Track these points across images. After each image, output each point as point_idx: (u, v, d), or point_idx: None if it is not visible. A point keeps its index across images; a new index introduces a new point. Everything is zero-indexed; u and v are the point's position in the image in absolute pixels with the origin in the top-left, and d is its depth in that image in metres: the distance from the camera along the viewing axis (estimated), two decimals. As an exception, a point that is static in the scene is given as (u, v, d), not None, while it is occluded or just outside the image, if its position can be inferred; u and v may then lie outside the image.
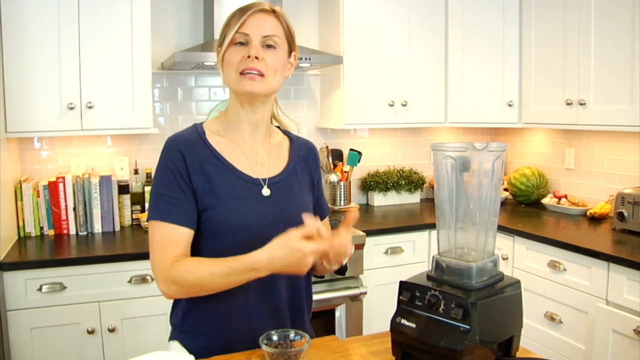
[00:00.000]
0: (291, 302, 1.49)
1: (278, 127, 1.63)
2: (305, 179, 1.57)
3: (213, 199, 1.40)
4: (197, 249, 1.42)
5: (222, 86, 1.50)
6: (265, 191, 1.46)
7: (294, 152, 1.57)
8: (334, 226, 1.47)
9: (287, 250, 1.25)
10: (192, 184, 1.39)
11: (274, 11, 1.44)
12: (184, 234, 1.37)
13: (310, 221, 1.28)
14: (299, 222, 1.44)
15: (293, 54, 1.50)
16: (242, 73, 1.39)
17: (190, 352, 1.44)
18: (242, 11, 1.41)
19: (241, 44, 1.40)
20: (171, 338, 1.51)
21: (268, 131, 1.55)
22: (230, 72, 1.41)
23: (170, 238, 1.36)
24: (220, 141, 1.48)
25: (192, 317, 1.47)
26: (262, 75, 1.39)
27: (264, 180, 1.47)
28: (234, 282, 1.32)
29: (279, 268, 1.27)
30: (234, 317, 1.43)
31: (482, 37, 3.41)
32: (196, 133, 1.47)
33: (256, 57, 1.38)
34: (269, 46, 1.41)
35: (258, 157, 1.50)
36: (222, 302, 1.41)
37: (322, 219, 1.64)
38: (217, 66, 1.48)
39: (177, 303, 1.52)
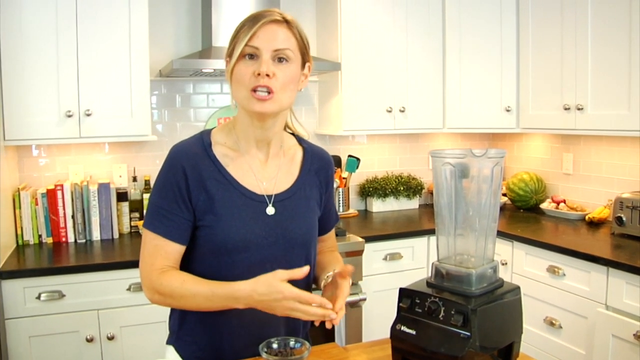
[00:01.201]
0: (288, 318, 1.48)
1: (292, 133, 1.57)
2: (314, 194, 1.52)
3: (212, 216, 1.36)
4: (195, 262, 1.41)
5: (231, 102, 1.43)
6: (270, 210, 1.41)
7: (305, 165, 1.52)
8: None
9: (268, 288, 1.24)
10: (191, 201, 1.36)
11: (286, 21, 1.37)
12: (175, 249, 1.37)
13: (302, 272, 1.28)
14: (300, 243, 1.44)
15: (307, 64, 1.43)
16: (252, 90, 1.32)
17: (185, 359, 1.46)
18: (253, 21, 1.34)
19: (251, 57, 1.33)
20: (168, 342, 1.52)
21: (279, 144, 1.49)
22: (240, 88, 1.34)
23: (161, 251, 1.36)
24: (227, 154, 1.42)
25: (187, 325, 1.47)
26: (271, 92, 1.32)
27: (270, 197, 1.42)
28: (214, 307, 1.32)
29: (257, 304, 1.26)
30: (227, 326, 1.42)
31: (479, 41, 3.42)
32: (202, 144, 1.41)
33: (267, 75, 1.31)
34: (281, 59, 1.34)
35: (266, 173, 1.45)
36: (217, 315, 1.39)
37: (330, 229, 1.63)
38: (226, 77, 1.41)
39: (174, 308, 1.51)
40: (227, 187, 1.38)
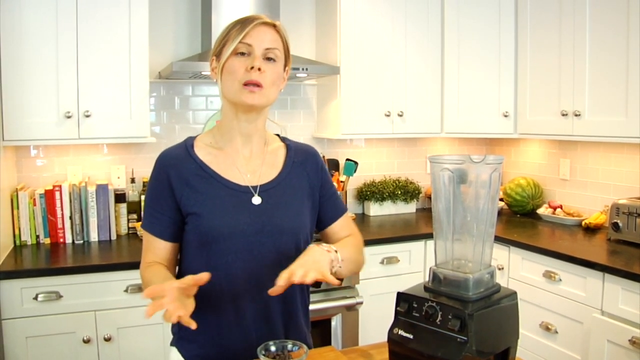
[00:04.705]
0: (284, 309, 1.50)
1: (278, 134, 1.64)
2: (303, 185, 1.55)
3: (197, 208, 1.43)
4: (189, 257, 1.48)
5: (220, 96, 1.51)
6: (256, 199, 1.46)
7: (289, 159, 1.56)
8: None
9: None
10: (176, 198, 1.44)
11: (274, 25, 1.46)
12: (161, 245, 1.47)
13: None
14: (288, 230, 1.46)
15: (287, 68, 1.52)
16: (244, 85, 1.40)
17: (187, 359, 1.49)
18: (244, 22, 1.43)
19: (242, 54, 1.41)
20: (171, 344, 1.55)
21: (262, 140, 1.55)
22: (232, 82, 1.42)
23: (150, 246, 1.48)
24: (211, 152, 1.50)
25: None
26: (261, 86, 1.41)
27: (255, 187, 1.47)
28: None
29: None
30: (225, 325, 1.45)
31: (478, 47, 3.43)
32: (184, 147, 1.50)
33: (259, 69, 1.40)
34: (269, 59, 1.43)
35: (250, 166, 1.50)
36: (212, 309, 1.44)
37: (336, 218, 1.62)
38: (211, 75, 1.49)
39: None
40: (209, 180, 1.46)
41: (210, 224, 1.41)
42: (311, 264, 1.28)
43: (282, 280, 1.23)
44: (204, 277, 1.25)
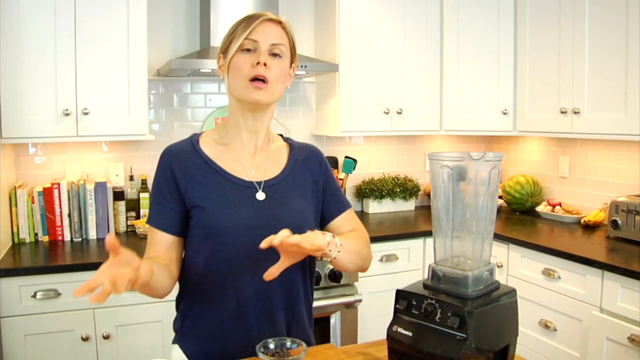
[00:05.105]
0: (286, 306, 1.50)
1: (281, 135, 1.65)
2: (307, 181, 1.56)
3: (201, 201, 1.44)
4: (193, 250, 1.48)
5: (226, 93, 1.52)
6: (260, 195, 1.47)
7: (292, 157, 1.57)
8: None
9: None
10: (180, 191, 1.45)
11: (280, 22, 1.48)
12: (164, 238, 1.46)
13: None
14: (291, 226, 1.45)
15: (293, 65, 1.53)
16: (251, 80, 1.41)
17: (189, 356, 1.49)
18: (250, 19, 1.44)
19: (248, 50, 1.43)
20: (173, 341, 1.55)
21: (267, 138, 1.56)
22: (239, 79, 1.43)
23: (152, 240, 1.48)
24: (216, 148, 1.51)
25: (188, 321, 1.51)
26: (266, 82, 1.41)
27: (259, 183, 1.48)
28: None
29: None
30: (227, 321, 1.45)
31: (477, 44, 3.43)
32: (190, 142, 1.51)
33: (264, 64, 1.41)
34: (275, 55, 1.44)
35: (254, 162, 1.51)
36: (215, 306, 1.45)
37: (339, 213, 1.60)
38: (218, 72, 1.51)
39: (178, 307, 1.56)
40: (214, 175, 1.47)
41: (214, 217, 1.42)
42: (303, 236, 1.28)
43: (264, 243, 1.23)
44: (109, 238, 1.20)
